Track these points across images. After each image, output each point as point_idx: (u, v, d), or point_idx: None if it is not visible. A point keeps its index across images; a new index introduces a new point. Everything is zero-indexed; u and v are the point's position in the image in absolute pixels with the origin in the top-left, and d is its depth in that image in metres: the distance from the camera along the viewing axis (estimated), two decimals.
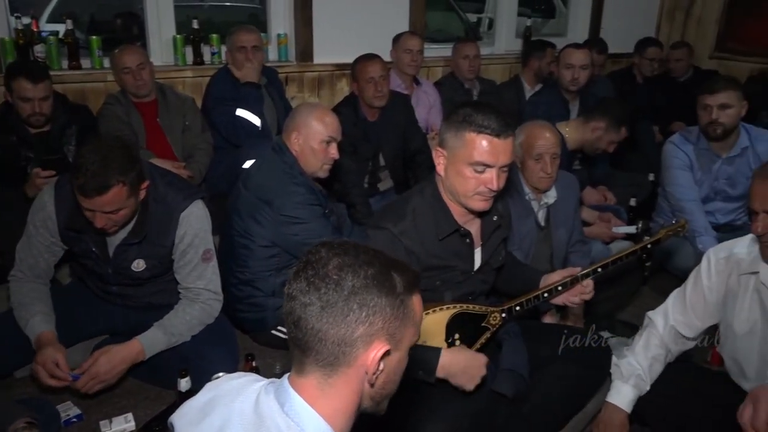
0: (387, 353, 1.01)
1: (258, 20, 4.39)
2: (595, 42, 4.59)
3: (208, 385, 1.14)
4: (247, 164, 2.84)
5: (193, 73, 3.62)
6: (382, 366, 1.01)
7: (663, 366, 2.01)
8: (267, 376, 1.16)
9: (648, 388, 1.98)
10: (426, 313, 1.86)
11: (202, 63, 3.66)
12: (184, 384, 1.96)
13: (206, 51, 3.70)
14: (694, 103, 3.08)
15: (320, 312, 0.98)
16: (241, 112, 3.21)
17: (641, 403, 1.98)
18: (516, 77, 4.36)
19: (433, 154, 1.83)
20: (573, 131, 3.26)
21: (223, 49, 3.50)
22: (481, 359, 1.79)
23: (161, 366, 2.13)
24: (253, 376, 1.13)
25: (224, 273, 2.38)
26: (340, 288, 0.98)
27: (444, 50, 4.42)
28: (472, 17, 6.58)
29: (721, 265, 1.91)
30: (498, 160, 1.72)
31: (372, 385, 1.03)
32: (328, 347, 0.98)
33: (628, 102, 4.48)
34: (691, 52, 4.81)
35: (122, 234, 2.08)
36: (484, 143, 1.70)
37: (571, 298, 2.04)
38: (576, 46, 3.76)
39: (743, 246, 1.89)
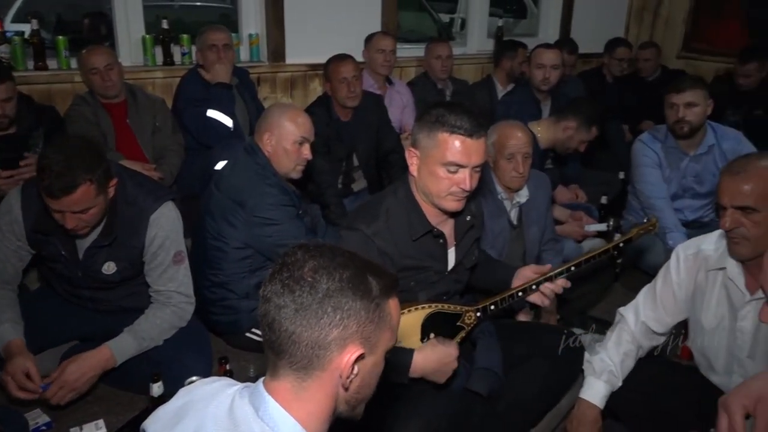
0: (361, 357, 1.00)
1: (229, 20, 4.36)
2: (565, 42, 4.65)
3: (182, 391, 1.13)
4: (219, 166, 2.82)
5: (163, 73, 3.57)
6: (356, 370, 1.01)
7: (634, 361, 2.04)
8: (241, 379, 1.15)
9: (620, 383, 2.00)
10: (401, 313, 1.86)
11: (172, 63, 3.62)
12: (157, 389, 1.93)
13: (176, 51, 3.65)
14: (662, 102, 3.14)
15: (294, 314, 0.97)
16: (212, 113, 3.17)
17: (613, 397, 2.00)
18: (488, 77, 4.39)
19: (406, 155, 1.83)
20: (545, 130, 3.30)
21: (194, 49, 3.46)
22: (453, 353, 1.79)
23: (133, 371, 2.10)
24: (228, 380, 1.12)
25: (197, 275, 2.36)
26: (314, 291, 0.97)
27: (417, 50, 4.43)
28: (445, 17, 6.61)
29: (689, 261, 1.95)
30: (470, 160, 1.72)
31: (346, 389, 1.03)
32: (302, 350, 0.98)
33: (599, 101, 4.54)
34: (658, 52, 4.90)
35: (92, 236, 2.04)
36: (457, 143, 1.70)
37: (543, 296, 2.03)
38: (547, 46, 3.80)
39: (710, 242, 1.92)
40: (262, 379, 1.05)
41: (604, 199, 3.60)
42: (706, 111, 3.04)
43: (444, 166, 1.73)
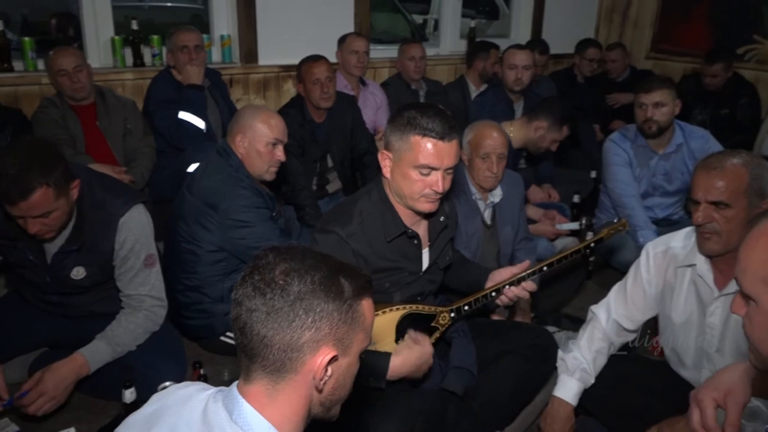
0: (334, 359, 1.00)
1: (201, 21, 4.31)
2: (537, 43, 4.70)
3: (155, 396, 1.12)
4: (192, 168, 2.78)
5: (133, 75, 3.52)
6: (329, 371, 1.01)
7: (606, 358, 2.07)
8: (215, 383, 1.14)
9: (593, 380, 2.03)
10: (375, 315, 1.85)
11: (142, 65, 3.57)
12: (129, 395, 1.90)
13: (147, 52, 3.61)
14: (632, 101, 3.19)
15: (266, 318, 0.97)
16: (184, 115, 3.14)
17: (586, 394, 2.03)
18: (461, 78, 4.42)
19: (379, 157, 1.83)
20: (517, 130, 3.33)
21: (165, 50, 3.42)
22: (428, 351, 1.79)
23: (105, 377, 2.07)
24: (201, 385, 1.11)
25: (170, 280, 2.33)
26: (285, 293, 0.97)
27: (390, 51, 4.44)
28: (418, 18, 6.63)
29: (659, 258, 1.98)
30: (443, 162, 1.73)
31: (320, 391, 1.03)
32: (275, 353, 0.97)
33: (570, 101, 4.62)
34: (625, 53, 4.98)
35: (60, 241, 2.00)
36: (429, 146, 1.71)
37: (518, 292, 2.04)
38: (519, 47, 3.84)
39: (679, 240, 1.96)
40: (235, 382, 1.04)
41: (576, 198, 3.64)
42: (674, 111, 3.09)
43: (416, 169, 1.73)
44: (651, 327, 2.41)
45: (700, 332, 1.90)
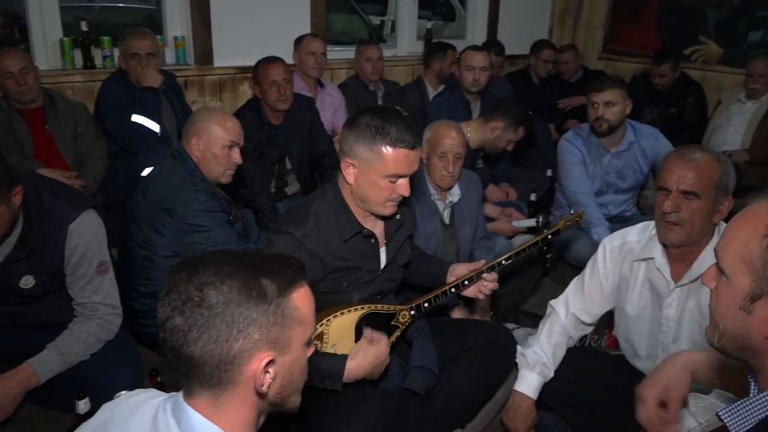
0: (272, 361, 0.98)
1: (155, 22, 4.23)
2: (493, 44, 4.76)
3: (104, 406, 1.09)
4: (146, 172, 2.73)
5: (83, 77, 3.43)
6: (271, 373, 0.99)
7: (564, 351, 2.11)
8: (174, 390, 1.11)
9: (552, 374, 2.07)
10: (334, 316, 1.86)
11: (93, 67, 3.48)
12: (83, 406, 1.85)
13: (97, 54, 3.52)
14: (583, 103, 3.26)
15: (189, 337, 0.94)
16: (137, 118, 3.08)
17: (544, 387, 2.06)
18: (419, 78, 4.45)
19: (342, 165, 1.81)
20: (474, 131, 3.37)
21: (116, 52, 3.34)
22: (384, 350, 1.79)
23: (59, 388, 2.00)
24: (152, 392, 1.09)
25: (124, 286, 2.28)
26: (203, 309, 0.94)
27: (348, 52, 4.44)
28: (376, 20, 6.64)
29: (615, 253, 2.03)
30: (411, 169, 1.78)
31: (267, 394, 1.01)
32: (207, 371, 0.95)
33: (525, 101, 4.69)
34: (578, 54, 5.09)
35: (5, 249, 1.93)
36: (401, 156, 1.73)
37: (481, 288, 2.08)
38: (476, 48, 3.88)
39: (635, 234, 2.01)
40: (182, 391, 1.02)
41: (533, 196, 3.70)
42: (625, 110, 3.17)
43: (386, 178, 1.75)
44: (608, 324, 2.47)
45: (654, 324, 1.95)
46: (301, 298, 1.02)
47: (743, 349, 0.96)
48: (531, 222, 3.24)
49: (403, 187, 1.77)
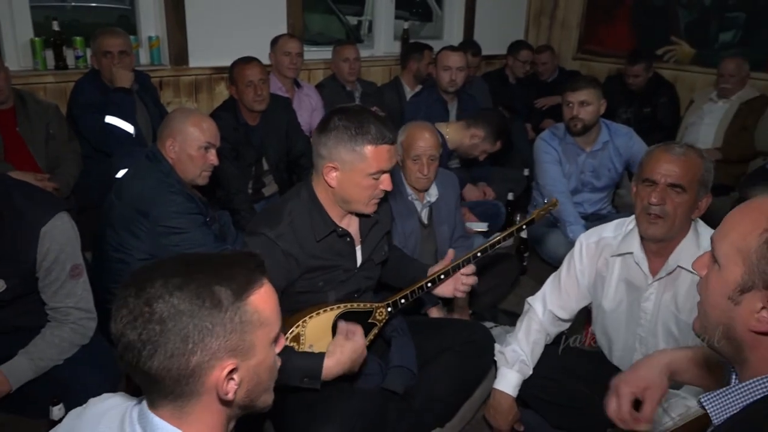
0: (235, 369, 0.95)
1: (128, 22, 4.18)
2: (470, 44, 4.78)
3: (72, 413, 1.07)
4: (120, 174, 2.69)
5: (55, 78, 3.38)
6: (236, 380, 0.95)
7: (542, 348, 2.13)
8: None
9: (531, 371, 2.09)
10: (310, 317, 1.86)
11: (65, 67, 3.43)
12: (57, 412, 1.82)
13: (70, 54, 3.47)
14: (559, 102, 3.29)
15: (143, 354, 0.90)
16: (111, 120, 3.03)
17: (523, 384, 2.08)
18: (396, 79, 4.46)
19: (324, 170, 1.79)
20: (454, 133, 3.38)
21: (89, 52, 3.30)
22: (360, 345, 1.78)
23: (32, 394, 1.96)
24: (120, 397, 1.07)
25: (99, 290, 2.24)
26: (153, 324, 0.90)
27: (325, 53, 4.43)
28: (353, 20, 6.63)
29: (591, 249, 2.06)
30: (392, 163, 1.80)
31: (233, 400, 0.97)
32: (168, 385, 0.92)
33: (502, 101, 4.73)
34: (554, 55, 5.14)
35: None
36: (384, 153, 1.75)
37: (458, 286, 2.07)
38: (452, 48, 3.90)
39: (610, 230, 2.04)
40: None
41: (510, 196, 3.73)
42: (599, 110, 3.21)
43: (371, 176, 1.76)
44: (585, 321, 2.50)
45: (631, 318, 1.98)
46: (261, 299, 0.98)
47: (728, 339, 0.96)
48: (482, 225, 3.26)
49: (386, 182, 1.79)
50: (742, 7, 4.55)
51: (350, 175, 1.77)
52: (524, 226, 2.23)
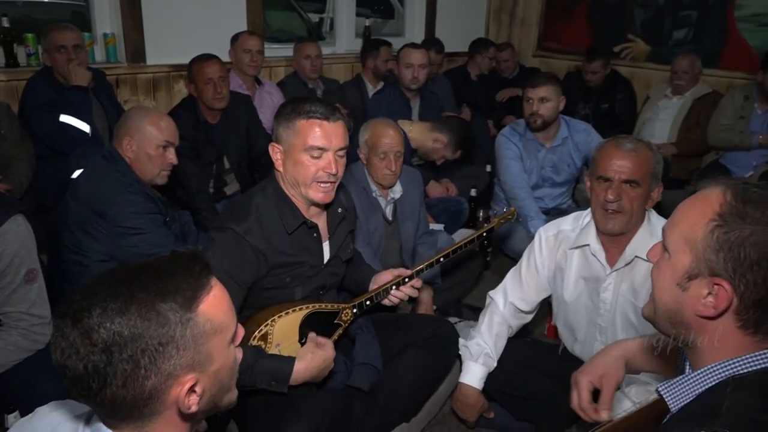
0: (195, 383, 0.91)
1: (83, 18, 4.07)
2: (433, 42, 4.80)
3: (16, 425, 1.03)
4: (77, 174, 2.63)
5: (5, 76, 3.27)
6: (198, 392, 0.91)
7: (505, 341, 2.16)
8: None
9: (495, 364, 2.12)
10: (279, 316, 1.85)
11: (16, 65, 3.33)
12: (13, 420, 1.77)
13: (21, 52, 3.37)
14: (519, 95, 3.33)
15: (92, 386, 0.85)
16: (66, 119, 2.95)
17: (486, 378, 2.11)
18: (358, 76, 4.44)
19: (270, 151, 1.84)
20: (417, 132, 3.41)
21: (41, 49, 3.20)
22: (330, 356, 1.80)
23: None
24: (69, 407, 1.02)
25: (55, 293, 2.18)
26: (97, 355, 0.83)
27: (286, 50, 4.39)
28: (314, 17, 6.59)
29: (550, 241, 2.10)
30: (331, 143, 1.77)
31: (197, 411, 0.94)
32: (125, 410, 0.88)
33: (464, 98, 4.77)
34: (515, 52, 5.21)
35: None
36: (316, 128, 1.76)
37: (391, 298, 2.07)
38: (414, 46, 3.91)
39: (569, 223, 2.08)
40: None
41: (473, 192, 3.77)
42: (559, 106, 3.26)
43: (307, 152, 1.76)
44: (546, 314, 2.54)
45: (591, 308, 2.02)
46: (211, 305, 0.92)
47: (676, 324, 1.00)
48: (439, 226, 3.29)
49: (327, 163, 1.77)
50: (694, 5, 4.67)
51: (290, 153, 1.79)
52: (485, 234, 2.30)
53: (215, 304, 0.93)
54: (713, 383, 0.95)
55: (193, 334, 0.89)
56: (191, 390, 0.90)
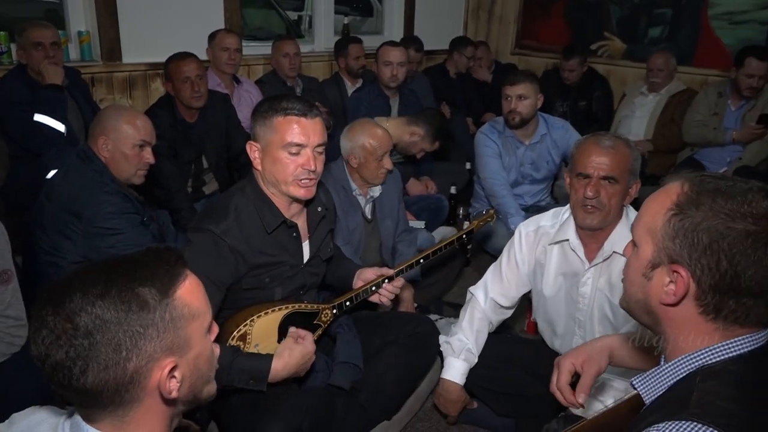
0: (176, 366, 0.92)
1: (57, 16, 4.00)
2: (412, 40, 4.79)
3: None
4: (51, 174, 2.59)
5: None
6: (178, 377, 0.93)
7: (486, 336, 2.17)
8: None
9: (477, 359, 2.13)
10: (258, 316, 1.84)
11: None
12: None
13: None
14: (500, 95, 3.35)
15: (74, 372, 0.85)
16: (40, 118, 2.90)
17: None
18: (337, 74, 4.43)
19: (248, 149, 1.82)
20: (394, 128, 3.39)
21: (14, 47, 3.14)
22: (309, 351, 1.79)
23: None
24: (48, 411, 1.01)
25: (30, 295, 2.15)
26: (79, 339, 0.85)
27: (265, 48, 4.36)
28: (293, 15, 6.56)
29: (530, 237, 2.11)
30: (310, 139, 1.76)
31: (176, 399, 0.95)
32: (106, 397, 0.88)
33: (443, 96, 4.78)
34: (488, 50, 5.23)
35: None
36: (294, 124, 1.74)
37: (391, 290, 2.09)
38: (393, 43, 3.91)
39: (548, 219, 2.10)
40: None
41: (453, 189, 3.78)
42: (537, 103, 3.28)
43: (284, 149, 1.75)
44: (526, 309, 2.56)
45: (570, 303, 2.04)
46: (188, 291, 0.95)
47: (647, 313, 1.03)
48: (420, 223, 3.31)
49: (305, 160, 1.76)
50: (668, 4, 4.74)
51: (268, 151, 1.78)
52: (464, 236, 2.33)
53: (191, 290, 0.95)
54: (684, 374, 0.97)
55: (172, 317, 0.91)
56: (171, 375, 0.92)
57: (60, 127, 2.94)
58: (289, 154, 1.76)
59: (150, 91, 3.82)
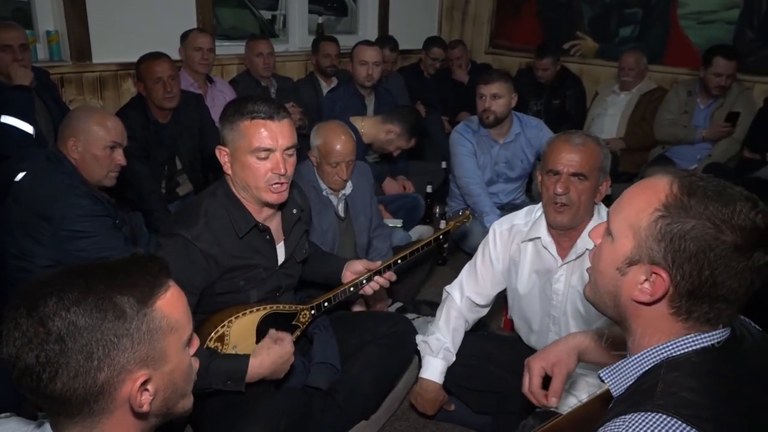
0: (148, 380, 0.90)
1: (25, 15, 3.92)
2: (387, 40, 4.80)
3: None
4: (20, 177, 2.53)
5: None
6: (150, 391, 0.91)
7: (463, 335, 2.19)
8: None
9: (454, 358, 2.14)
10: (236, 317, 1.82)
11: None
12: None
13: None
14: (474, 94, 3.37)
15: (43, 377, 0.83)
16: (7, 119, 2.84)
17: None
18: (311, 74, 4.42)
19: (217, 154, 1.79)
20: (369, 127, 3.40)
21: None
22: (288, 351, 1.78)
23: None
24: (16, 422, 0.99)
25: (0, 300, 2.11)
26: (51, 344, 0.83)
27: (238, 48, 4.32)
28: (267, 14, 6.52)
29: (504, 235, 2.13)
30: (278, 142, 1.73)
31: (149, 412, 0.93)
32: (75, 406, 0.86)
33: (418, 95, 4.79)
34: (466, 49, 5.25)
35: None
36: (261, 128, 1.71)
37: (381, 282, 2.10)
38: (368, 43, 3.90)
39: (521, 217, 2.12)
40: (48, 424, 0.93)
41: (429, 188, 3.79)
42: (511, 102, 3.31)
43: (253, 154, 1.72)
44: (502, 307, 2.57)
45: (544, 300, 2.06)
46: (168, 303, 0.92)
47: (615, 306, 1.03)
48: (397, 221, 3.31)
49: (275, 164, 1.73)
50: (639, 3, 4.81)
51: (237, 156, 1.74)
52: (441, 237, 2.33)
53: (172, 302, 0.93)
54: (649, 366, 0.98)
55: (148, 328, 0.89)
56: (144, 388, 0.90)
57: (28, 128, 2.88)
58: (257, 159, 1.72)
59: (121, 92, 3.77)
